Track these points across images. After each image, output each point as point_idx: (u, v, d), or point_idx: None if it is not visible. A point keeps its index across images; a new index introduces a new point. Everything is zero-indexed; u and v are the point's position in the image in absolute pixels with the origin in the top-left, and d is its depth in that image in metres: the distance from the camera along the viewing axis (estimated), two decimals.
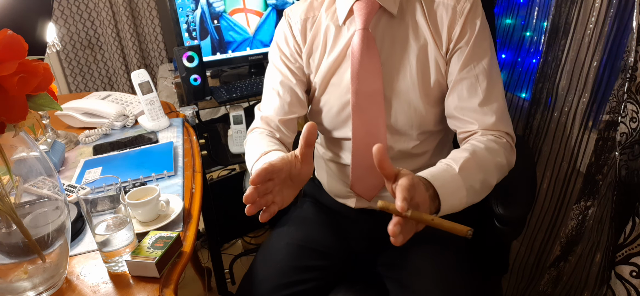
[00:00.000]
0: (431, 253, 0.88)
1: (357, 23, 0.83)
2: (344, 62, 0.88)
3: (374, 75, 0.84)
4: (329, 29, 0.89)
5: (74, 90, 2.30)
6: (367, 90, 0.84)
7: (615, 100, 0.90)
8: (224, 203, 1.57)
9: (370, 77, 0.84)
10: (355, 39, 0.84)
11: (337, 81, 0.89)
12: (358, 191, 0.93)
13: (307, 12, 0.92)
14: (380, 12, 0.85)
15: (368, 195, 0.93)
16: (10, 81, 0.51)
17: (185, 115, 1.30)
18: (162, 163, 0.99)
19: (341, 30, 0.88)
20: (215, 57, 1.56)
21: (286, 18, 0.95)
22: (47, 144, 1.03)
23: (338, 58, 0.88)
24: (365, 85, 0.84)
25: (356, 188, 0.93)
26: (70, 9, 2.14)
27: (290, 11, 0.95)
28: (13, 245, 0.61)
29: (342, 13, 0.87)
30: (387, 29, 0.85)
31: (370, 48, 0.83)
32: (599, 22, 0.95)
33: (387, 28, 0.85)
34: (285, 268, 0.87)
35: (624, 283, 0.83)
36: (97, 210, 0.68)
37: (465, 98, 0.81)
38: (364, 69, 0.84)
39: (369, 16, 0.83)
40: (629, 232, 0.82)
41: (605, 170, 0.97)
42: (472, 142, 0.79)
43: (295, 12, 0.93)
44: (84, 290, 0.67)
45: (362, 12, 0.83)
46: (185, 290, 1.64)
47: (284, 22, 0.95)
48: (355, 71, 0.84)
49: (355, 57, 0.84)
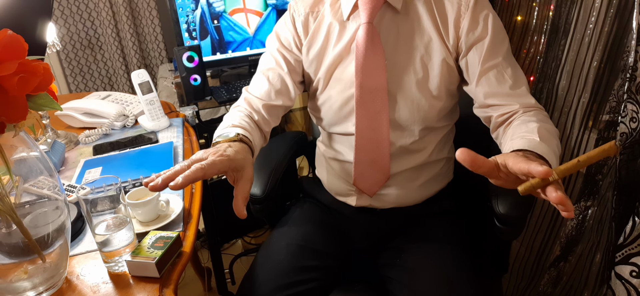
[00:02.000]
0: (431, 252, 0.88)
1: (362, 17, 0.83)
2: (347, 57, 0.87)
3: (378, 70, 0.84)
4: (333, 25, 0.89)
5: (74, 90, 2.30)
6: (371, 84, 0.85)
7: (615, 100, 0.90)
8: (224, 203, 1.56)
9: (375, 72, 0.84)
10: (360, 32, 0.84)
11: (340, 76, 0.89)
12: (361, 187, 0.93)
13: (312, 6, 0.92)
14: (384, 7, 0.85)
15: (370, 191, 0.93)
16: (10, 81, 0.51)
17: (185, 115, 1.30)
18: (162, 163, 0.99)
19: (346, 26, 0.88)
20: (215, 57, 1.56)
21: (290, 10, 0.95)
22: (47, 144, 1.03)
23: (342, 52, 0.88)
24: (369, 80, 0.84)
25: (359, 184, 0.93)
26: (70, 9, 2.14)
27: (296, 3, 0.94)
28: (13, 245, 0.61)
29: (346, 8, 0.87)
30: (392, 24, 0.85)
31: (375, 42, 0.83)
32: (599, 22, 0.95)
33: (391, 23, 0.85)
34: (285, 268, 0.87)
35: (624, 283, 0.84)
36: (97, 210, 0.68)
37: (495, 85, 0.82)
38: (368, 63, 0.84)
39: (373, 10, 0.83)
40: (629, 232, 0.82)
41: (605, 170, 0.97)
42: (522, 118, 0.77)
43: (301, 5, 0.93)
44: (84, 290, 0.67)
45: (367, 7, 0.83)
46: (185, 290, 1.64)
47: (288, 13, 0.95)
48: (360, 65, 0.84)
49: (360, 51, 0.84)
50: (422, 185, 0.94)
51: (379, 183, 0.92)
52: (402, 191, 0.93)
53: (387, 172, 0.90)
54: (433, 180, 0.95)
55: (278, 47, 0.94)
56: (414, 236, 0.93)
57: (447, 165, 0.98)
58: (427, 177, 0.94)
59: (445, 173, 0.98)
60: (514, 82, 0.81)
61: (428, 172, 0.94)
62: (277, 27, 0.96)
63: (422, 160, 0.91)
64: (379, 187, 0.92)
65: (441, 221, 0.97)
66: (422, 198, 0.96)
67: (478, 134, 0.93)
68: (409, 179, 0.93)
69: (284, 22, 0.95)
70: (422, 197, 0.96)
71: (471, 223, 0.99)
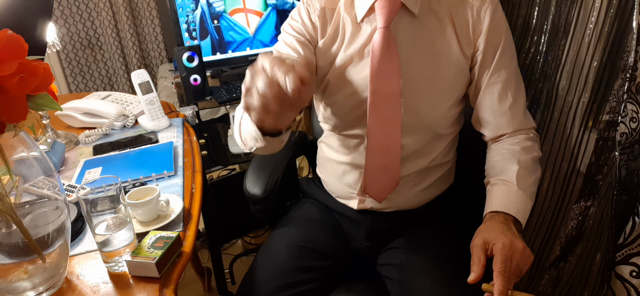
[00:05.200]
0: (432, 253, 0.88)
1: (379, 22, 0.81)
2: (360, 60, 0.85)
3: (392, 76, 0.82)
4: (347, 25, 0.86)
5: (74, 90, 2.30)
6: (385, 90, 0.82)
7: (615, 100, 0.90)
8: (224, 203, 1.57)
9: (389, 78, 0.82)
10: (376, 37, 0.81)
11: (351, 78, 0.86)
12: (371, 192, 0.92)
13: (327, 1, 0.88)
14: (401, 11, 0.82)
15: (379, 197, 0.92)
16: (10, 81, 0.51)
17: (185, 115, 1.30)
18: (162, 163, 0.99)
19: (360, 27, 0.85)
20: (215, 57, 1.56)
21: (304, 4, 0.90)
22: (47, 144, 1.03)
23: (355, 55, 0.85)
24: (383, 86, 0.82)
25: (369, 190, 0.91)
26: (70, 9, 2.14)
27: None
28: (13, 245, 0.61)
29: (361, 10, 0.84)
30: (408, 29, 0.83)
31: (391, 48, 0.81)
32: (599, 22, 0.95)
33: (408, 27, 0.83)
34: (285, 269, 0.87)
35: (624, 283, 0.84)
36: (97, 210, 0.68)
37: (497, 102, 0.85)
38: (384, 69, 0.82)
39: (391, 14, 0.80)
40: (629, 232, 0.82)
41: (605, 170, 0.97)
42: (507, 146, 0.86)
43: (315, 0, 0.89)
44: (84, 290, 0.67)
45: (384, 11, 0.80)
46: (185, 290, 1.64)
47: (302, 7, 0.90)
48: (375, 71, 0.82)
49: (376, 56, 0.81)
50: (425, 189, 0.94)
51: (389, 188, 0.90)
52: (405, 194, 0.93)
53: (397, 177, 0.89)
54: (436, 183, 0.95)
55: (296, 38, 0.89)
56: (415, 237, 0.93)
57: (449, 170, 0.98)
58: (430, 181, 0.93)
59: (447, 177, 0.98)
60: (514, 100, 0.85)
61: (432, 176, 0.93)
62: (289, 21, 0.91)
63: (427, 164, 0.91)
64: (388, 192, 0.91)
65: (442, 222, 0.97)
66: (424, 202, 0.96)
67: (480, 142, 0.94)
68: (413, 183, 0.92)
69: (299, 14, 0.90)
70: (424, 200, 0.95)
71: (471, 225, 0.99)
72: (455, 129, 0.93)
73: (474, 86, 0.87)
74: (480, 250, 0.70)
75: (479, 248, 0.70)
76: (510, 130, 0.86)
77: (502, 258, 0.67)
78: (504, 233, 0.71)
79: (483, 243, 0.71)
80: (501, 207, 0.77)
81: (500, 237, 0.69)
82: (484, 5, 0.83)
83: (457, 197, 1.01)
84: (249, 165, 1.12)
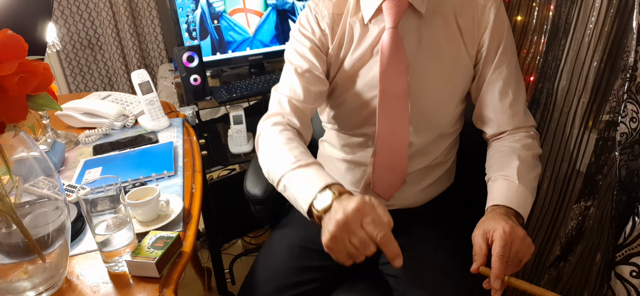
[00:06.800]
0: (434, 251, 0.88)
1: (387, 22, 0.81)
2: (370, 61, 0.86)
3: (400, 76, 0.83)
4: (354, 27, 0.86)
5: (74, 90, 2.30)
6: (393, 90, 0.84)
7: (615, 100, 0.90)
8: (224, 203, 1.57)
9: (397, 78, 0.83)
10: (385, 37, 0.82)
11: (361, 79, 0.87)
12: (378, 191, 0.92)
13: (335, 7, 0.88)
14: (409, 11, 0.83)
15: (387, 195, 0.93)
16: (10, 81, 0.51)
17: (185, 115, 1.30)
18: (162, 163, 0.99)
19: (367, 28, 0.86)
20: (215, 57, 1.56)
21: (312, 11, 0.89)
22: (47, 144, 1.03)
23: (364, 56, 0.86)
24: (392, 86, 0.83)
25: (377, 188, 0.92)
26: (70, 9, 2.14)
27: (316, 5, 0.89)
28: (13, 245, 0.61)
29: (368, 11, 0.84)
30: (415, 28, 0.84)
31: (399, 48, 0.82)
32: (599, 22, 0.95)
33: (414, 27, 0.84)
34: (287, 269, 0.87)
35: (624, 283, 0.83)
36: (97, 210, 0.68)
37: (497, 100, 0.86)
38: (392, 69, 0.82)
39: (398, 15, 0.81)
40: (629, 232, 0.81)
41: (605, 170, 0.97)
42: (508, 143, 0.85)
43: (323, 6, 0.88)
44: (84, 290, 0.67)
45: (392, 11, 0.81)
46: (185, 290, 1.64)
47: (310, 15, 0.89)
48: (384, 71, 0.82)
49: (384, 56, 0.82)
50: (427, 187, 0.94)
51: (395, 186, 0.91)
52: (407, 193, 0.93)
53: (403, 175, 0.90)
54: (437, 182, 0.96)
55: (308, 47, 0.88)
56: (416, 236, 0.93)
57: (450, 169, 0.98)
58: (432, 179, 0.94)
59: (448, 176, 0.99)
60: (515, 97, 0.86)
61: (433, 174, 0.94)
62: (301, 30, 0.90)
63: (430, 162, 0.92)
64: (395, 190, 0.92)
65: (443, 221, 0.97)
66: (425, 200, 0.96)
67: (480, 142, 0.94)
68: (416, 181, 0.93)
69: (308, 23, 0.89)
70: (425, 199, 0.96)
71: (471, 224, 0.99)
72: (458, 128, 0.95)
73: (476, 82, 0.88)
74: (482, 239, 0.70)
75: (480, 238, 0.71)
76: (511, 128, 0.87)
77: (501, 242, 0.67)
78: (505, 221, 0.71)
79: (484, 232, 0.71)
80: (502, 200, 0.77)
81: (501, 224, 0.70)
82: (489, 3, 0.84)
83: (457, 196, 1.01)
84: (249, 165, 1.12)
